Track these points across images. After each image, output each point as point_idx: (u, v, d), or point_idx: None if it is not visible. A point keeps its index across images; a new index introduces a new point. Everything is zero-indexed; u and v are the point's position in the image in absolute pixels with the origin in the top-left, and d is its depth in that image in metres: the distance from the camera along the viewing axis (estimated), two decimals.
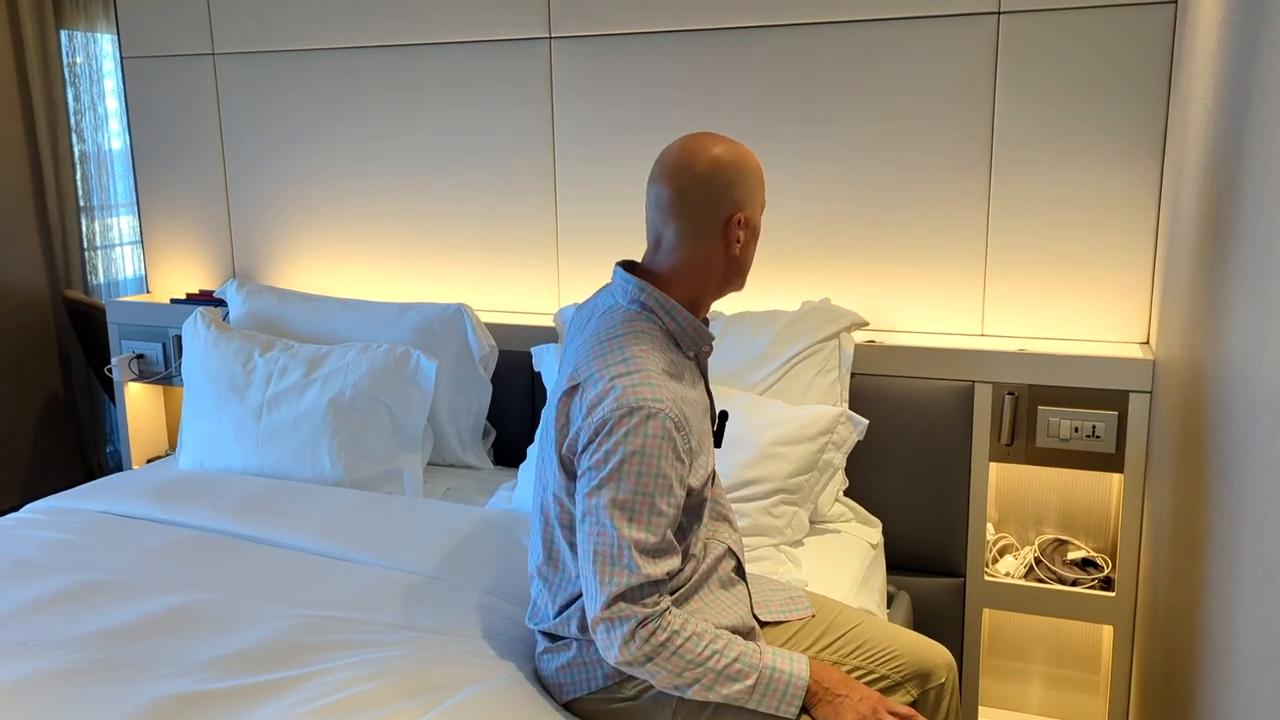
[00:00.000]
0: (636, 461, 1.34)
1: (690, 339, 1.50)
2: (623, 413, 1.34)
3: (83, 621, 1.69)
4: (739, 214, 1.46)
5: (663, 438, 1.34)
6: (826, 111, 2.37)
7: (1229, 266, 1.32)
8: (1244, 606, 1.11)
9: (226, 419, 2.43)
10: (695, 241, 1.46)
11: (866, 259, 2.41)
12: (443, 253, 2.80)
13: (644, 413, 1.34)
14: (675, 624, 1.36)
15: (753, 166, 1.48)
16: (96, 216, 4.10)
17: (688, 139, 1.48)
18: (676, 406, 1.37)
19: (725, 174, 1.45)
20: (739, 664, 1.37)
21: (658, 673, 1.36)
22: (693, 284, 1.49)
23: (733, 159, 1.46)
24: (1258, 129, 1.19)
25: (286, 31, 2.82)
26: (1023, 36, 2.19)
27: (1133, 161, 2.17)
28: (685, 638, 1.36)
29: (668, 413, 1.35)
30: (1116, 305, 2.25)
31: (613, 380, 1.37)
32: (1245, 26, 1.32)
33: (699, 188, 1.44)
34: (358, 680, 1.48)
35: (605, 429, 1.35)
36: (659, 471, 1.34)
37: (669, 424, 1.35)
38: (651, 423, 1.34)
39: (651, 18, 2.46)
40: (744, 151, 1.48)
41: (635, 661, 1.35)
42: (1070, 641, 2.38)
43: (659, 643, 1.34)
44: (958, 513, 2.25)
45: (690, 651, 1.35)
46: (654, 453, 1.34)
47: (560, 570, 1.50)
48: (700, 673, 1.35)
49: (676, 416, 1.37)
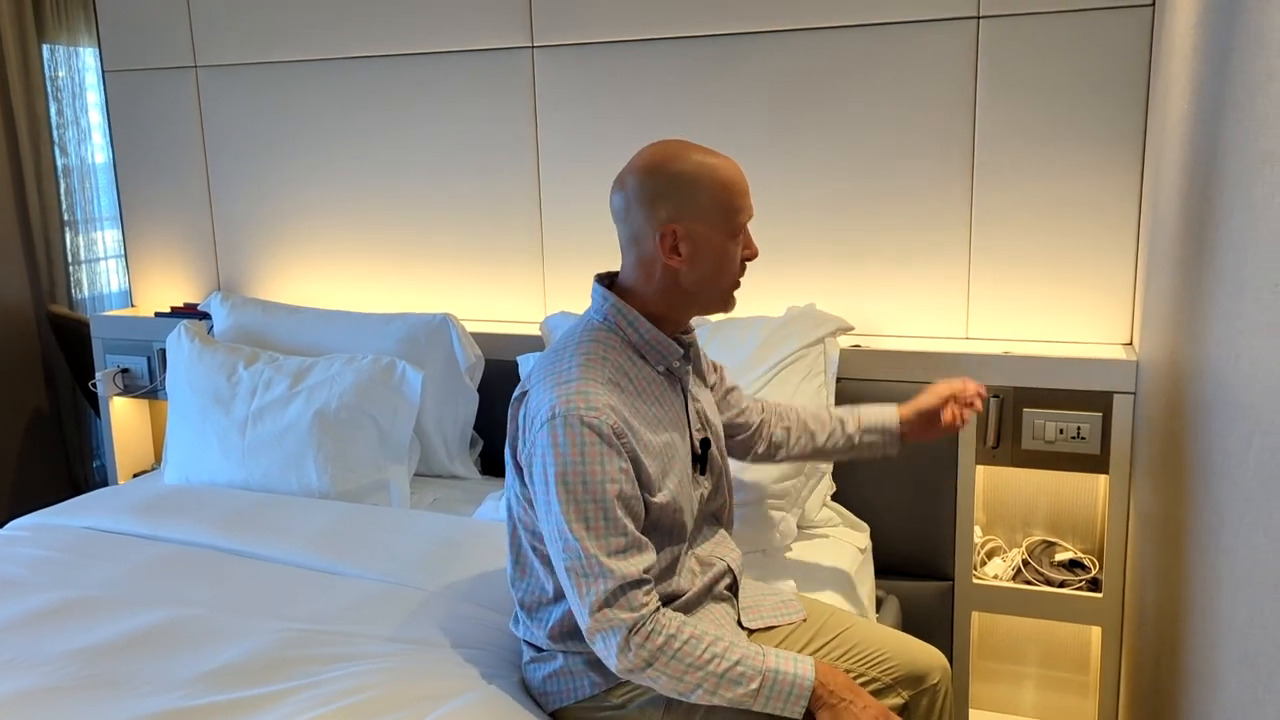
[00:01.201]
0: (578, 470, 1.34)
1: (655, 352, 1.47)
2: (556, 420, 1.35)
3: (67, 638, 1.67)
4: (674, 224, 1.41)
5: (598, 444, 1.34)
6: (809, 117, 2.38)
7: (1206, 269, 1.33)
8: (1225, 607, 1.11)
9: (212, 433, 2.42)
10: (635, 247, 1.45)
11: (851, 264, 2.41)
12: (428, 263, 2.80)
13: (576, 419, 1.34)
14: (671, 626, 1.36)
15: (707, 177, 1.41)
16: (80, 230, 4.08)
17: (653, 144, 1.47)
18: (615, 414, 1.36)
19: (659, 180, 1.41)
20: (741, 667, 1.36)
21: (659, 678, 1.35)
22: (644, 294, 1.47)
23: (678, 166, 1.41)
24: (1234, 132, 1.20)
25: (269, 44, 2.82)
26: (1002, 41, 2.21)
27: (1113, 164, 2.19)
28: (683, 640, 1.35)
29: (603, 420, 1.35)
30: (1099, 307, 2.26)
31: (552, 389, 1.38)
32: (1220, 28, 1.33)
33: (634, 192, 1.43)
34: (345, 693, 1.47)
35: (544, 438, 1.36)
36: (604, 476, 1.34)
37: (606, 429, 1.34)
38: (585, 430, 1.34)
39: (634, 26, 2.46)
40: (700, 161, 1.42)
41: (635, 669, 1.35)
42: (1059, 643, 2.39)
43: (656, 647, 1.34)
44: (945, 516, 2.26)
45: (689, 655, 1.35)
46: (594, 459, 1.34)
47: (527, 575, 1.52)
48: (702, 676, 1.35)
49: (614, 424, 1.35)
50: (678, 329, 1.52)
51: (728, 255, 1.46)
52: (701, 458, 1.55)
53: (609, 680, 1.47)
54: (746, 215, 1.47)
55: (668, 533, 1.46)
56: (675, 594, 1.48)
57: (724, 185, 1.42)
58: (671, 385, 1.51)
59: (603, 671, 1.46)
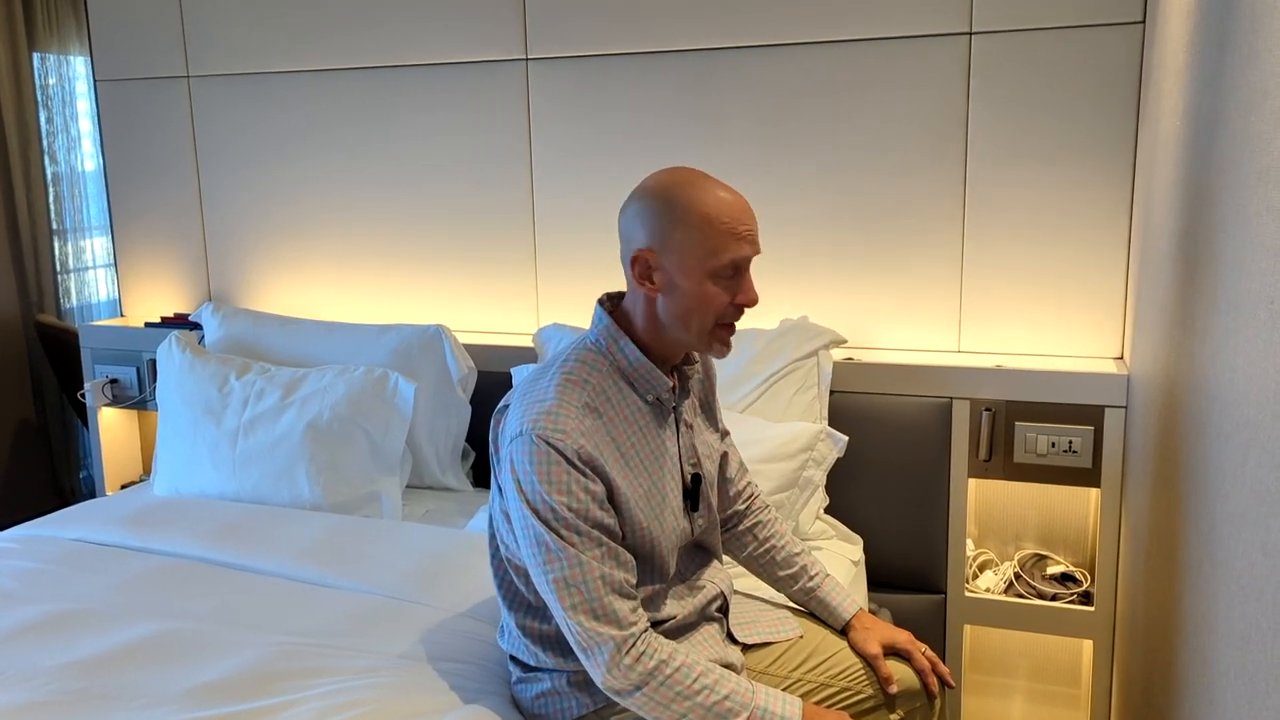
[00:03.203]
0: (542, 488, 1.33)
1: (644, 380, 1.44)
2: (524, 438, 1.35)
3: (56, 652, 1.66)
4: (649, 252, 1.37)
5: (561, 463, 1.33)
6: (803, 132, 2.39)
7: (1199, 285, 1.34)
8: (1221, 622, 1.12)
9: (202, 443, 2.40)
10: (627, 270, 1.42)
11: (844, 277, 2.42)
12: (421, 274, 2.80)
13: (542, 439, 1.33)
14: (663, 652, 1.36)
15: (694, 210, 1.35)
16: (69, 239, 4.06)
17: (666, 168, 1.44)
18: (585, 438, 1.35)
19: (649, 204, 1.38)
20: (729, 701, 1.35)
21: (645, 704, 1.34)
22: (635, 320, 1.44)
23: (671, 194, 1.36)
24: (1227, 148, 1.21)
25: (263, 54, 2.82)
26: (994, 57, 2.22)
27: (1104, 179, 2.20)
28: (675, 668, 1.35)
29: (568, 443, 1.33)
30: (1091, 321, 2.27)
31: (527, 408, 1.38)
32: (1212, 46, 1.34)
33: (629, 213, 1.41)
34: (336, 709, 1.46)
35: (511, 454, 1.37)
36: (569, 497, 1.33)
37: (570, 451, 1.33)
38: (550, 450, 1.33)
39: (628, 39, 2.47)
40: (694, 194, 1.36)
41: (624, 690, 1.34)
42: (1051, 656, 2.39)
43: (647, 670, 1.33)
44: (938, 529, 2.26)
45: (679, 683, 1.34)
46: (559, 478, 1.33)
47: (508, 586, 1.51)
48: (689, 707, 1.34)
49: (579, 447, 1.34)
50: (669, 359, 1.48)
51: (705, 295, 1.37)
52: (692, 493, 1.51)
53: (597, 701, 1.46)
54: (732, 256, 1.36)
55: (645, 564, 1.45)
56: (663, 620, 1.47)
57: (708, 221, 1.35)
58: (659, 415, 1.47)
59: (590, 692, 1.46)
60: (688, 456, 1.52)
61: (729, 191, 1.38)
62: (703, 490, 1.53)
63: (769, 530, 1.71)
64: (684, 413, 1.53)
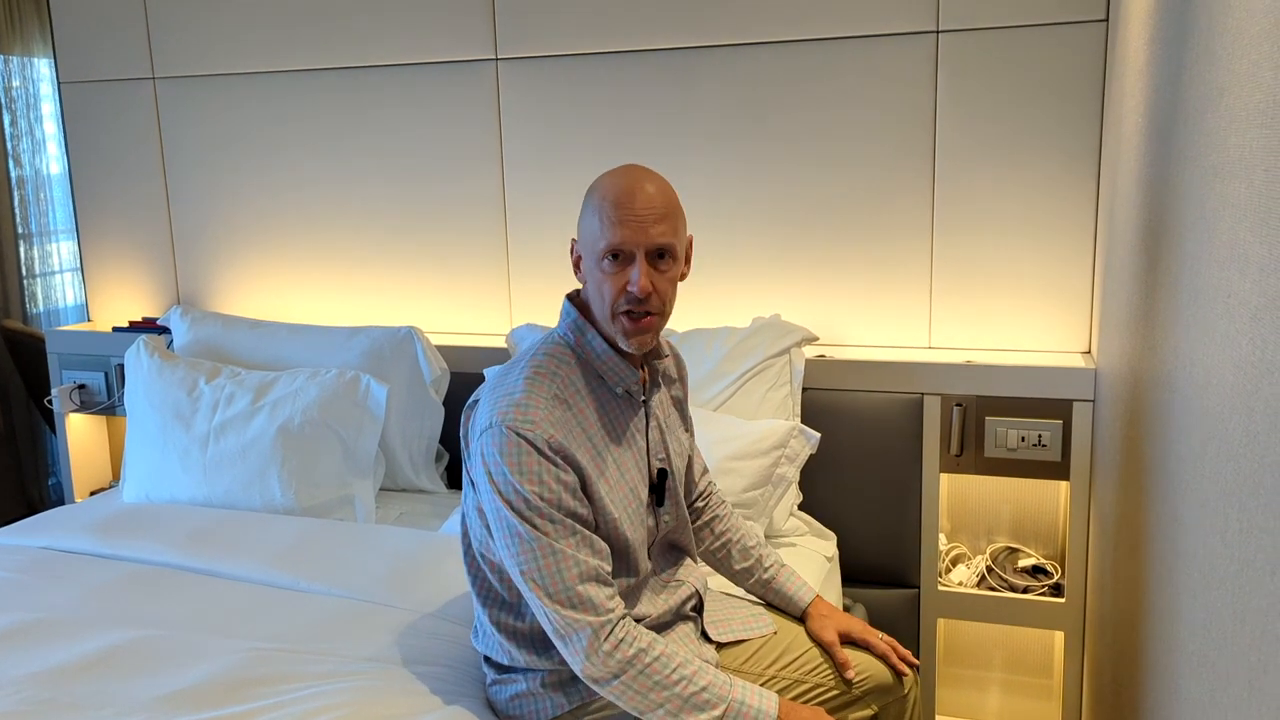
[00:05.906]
0: (514, 479, 1.34)
1: (611, 372, 1.46)
2: (494, 430, 1.36)
3: (25, 661, 1.64)
4: (573, 239, 1.46)
5: (532, 454, 1.34)
6: (773, 130, 2.40)
7: (1161, 280, 1.36)
8: (1184, 613, 1.13)
9: (172, 449, 2.38)
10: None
11: (815, 275, 2.43)
12: (392, 275, 2.78)
13: (512, 430, 1.35)
14: (642, 640, 1.36)
15: (597, 193, 1.40)
16: (35, 243, 4.01)
17: None
18: (554, 428, 1.36)
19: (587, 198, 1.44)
20: (707, 694, 1.35)
21: (623, 692, 1.35)
22: (591, 313, 1.46)
23: (592, 186, 1.43)
24: (1186, 145, 1.23)
25: (229, 55, 2.79)
26: (962, 54, 2.24)
27: (1070, 176, 2.23)
28: (654, 656, 1.35)
29: (538, 433, 1.35)
30: (1059, 316, 2.29)
31: (496, 401, 1.39)
32: (1172, 44, 1.36)
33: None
34: (311, 714, 1.45)
35: (482, 446, 1.38)
36: (541, 487, 1.34)
37: (540, 441, 1.35)
38: (520, 440, 1.34)
39: (599, 39, 2.47)
40: (608, 180, 1.40)
41: (603, 678, 1.34)
42: (1024, 648, 2.42)
43: (626, 657, 1.33)
44: (910, 524, 2.28)
45: (658, 672, 1.34)
46: (530, 468, 1.34)
47: (482, 584, 1.51)
48: (666, 696, 1.34)
49: (549, 437, 1.35)
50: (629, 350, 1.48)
51: (597, 281, 1.40)
52: (658, 488, 1.52)
53: (572, 700, 1.46)
54: (607, 242, 1.36)
55: (619, 559, 1.45)
56: (638, 619, 1.47)
57: (598, 206, 1.38)
58: (630, 408, 1.49)
59: (565, 692, 1.46)
60: (655, 451, 1.53)
61: (633, 179, 1.39)
62: (670, 486, 1.54)
63: (725, 524, 1.73)
64: (654, 406, 1.53)
